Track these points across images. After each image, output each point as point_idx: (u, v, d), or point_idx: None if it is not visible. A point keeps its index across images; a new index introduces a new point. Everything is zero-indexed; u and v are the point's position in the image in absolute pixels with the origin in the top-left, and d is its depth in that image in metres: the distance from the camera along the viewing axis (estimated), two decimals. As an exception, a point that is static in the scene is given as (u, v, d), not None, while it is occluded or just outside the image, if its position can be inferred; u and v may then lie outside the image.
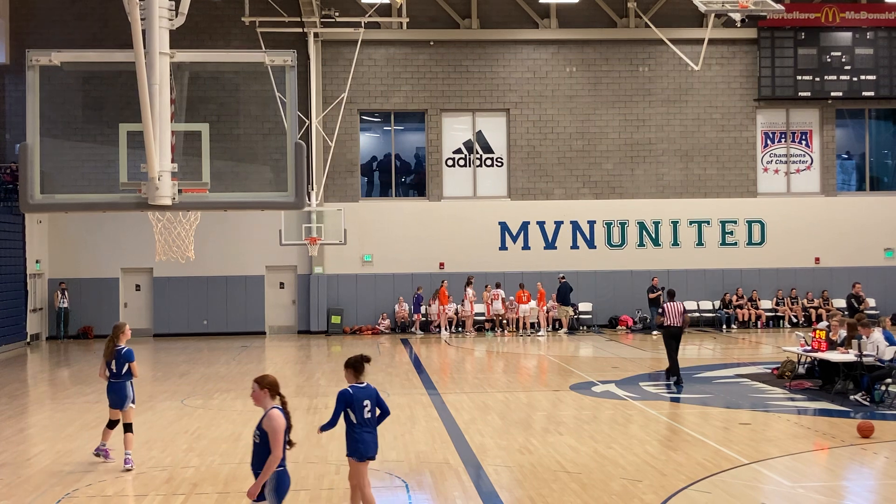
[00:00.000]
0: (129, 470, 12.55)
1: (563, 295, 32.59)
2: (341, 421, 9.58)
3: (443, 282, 32.94)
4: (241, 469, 12.50)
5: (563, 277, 32.74)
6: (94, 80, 10.28)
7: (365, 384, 9.79)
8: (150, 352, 29.41)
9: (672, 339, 20.03)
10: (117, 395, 12.95)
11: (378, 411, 9.76)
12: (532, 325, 32.77)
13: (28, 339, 31.23)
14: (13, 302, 29.99)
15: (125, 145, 8.89)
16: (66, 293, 32.56)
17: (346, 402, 9.60)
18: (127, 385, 12.96)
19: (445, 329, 32.62)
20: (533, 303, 32.66)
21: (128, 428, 12.84)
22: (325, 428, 9.73)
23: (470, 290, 32.70)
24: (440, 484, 11.71)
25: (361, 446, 9.59)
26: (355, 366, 9.78)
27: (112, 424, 13.06)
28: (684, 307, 20.29)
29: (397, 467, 12.55)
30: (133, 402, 13.04)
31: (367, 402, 9.67)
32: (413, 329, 33.08)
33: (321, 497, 11.09)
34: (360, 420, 9.58)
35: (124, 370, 12.94)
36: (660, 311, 20.80)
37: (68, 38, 31.92)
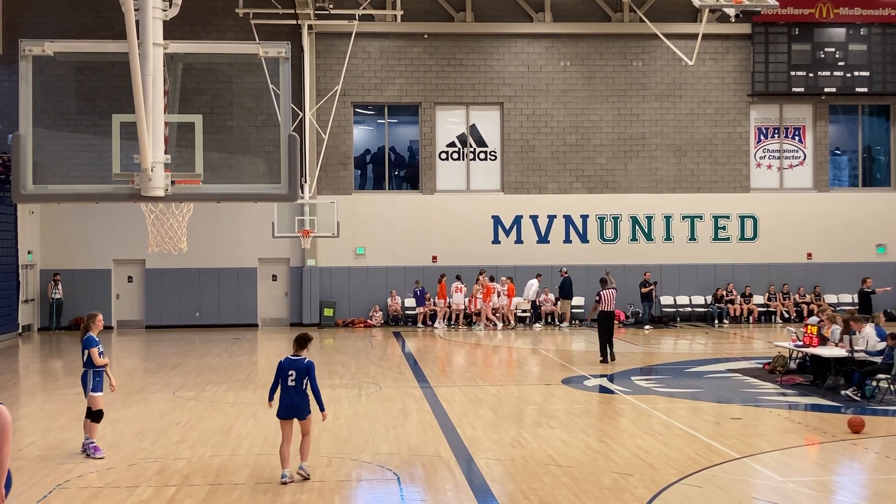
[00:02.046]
0: (88, 456, 12.66)
1: (566, 289, 32.61)
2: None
3: (442, 276, 32.88)
4: (233, 461, 12.51)
5: (566, 271, 32.72)
6: (87, 70, 10.25)
7: (300, 357, 11.40)
8: (142, 343, 29.39)
9: (608, 322, 22.65)
10: (81, 384, 13.13)
11: (305, 383, 11.33)
12: (524, 319, 32.87)
13: (20, 330, 31.19)
14: (5, 293, 29.93)
15: (118, 136, 8.88)
16: (59, 284, 32.49)
17: (278, 368, 11.42)
18: (87, 374, 12.96)
19: (441, 322, 32.60)
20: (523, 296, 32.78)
21: (87, 413, 12.88)
22: (271, 391, 11.62)
23: (460, 284, 32.67)
24: (432, 477, 11.72)
25: (280, 409, 11.38)
26: (298, 341, 11.52)
27: (89, 413, 13.06)
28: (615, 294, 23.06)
29: (389, 460, 12.57)
30: (94, 390, 12.94)
31: (292, 371, 11.28)
32: (420, 322, 32.94)
33: (312, 488, 11.10)
34: (283, 386, 11.33)
35: (85, 358, 12.98)
36: (596, 298, 23.02)
37: (61, 29, 31.80)
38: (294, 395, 11.29)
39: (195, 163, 9.07)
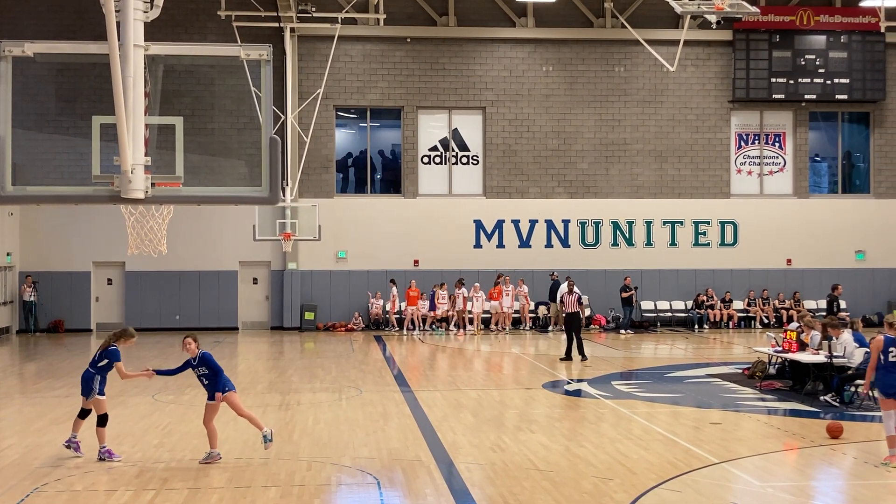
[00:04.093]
0: (113, 462, 12.59)
1: (555, 292, 32.64)
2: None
3: (460, 279, 32.67)
4: (213, 464, 12.45)
5: (555, 275, 32.74)
6: (67, 71, 10.21)
7: None
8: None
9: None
10: (85, 384, 12.93)
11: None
12: (513, 321, 32.92)
13: (-2, 333, 31.01)
14: (-17, 295, 29.75)
15: (98, 138, 8.83)
16: (36, 286, 32.24)
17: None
18: (95, 377, 12.86)
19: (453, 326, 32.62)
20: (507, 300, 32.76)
21: (99, 421, 12.79)
22: (164, 373, 13.33)
23: (441, 291, 32.64)
24: (412, 481, 11.71)
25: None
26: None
27: (83, 414, 12.98)
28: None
29: (369, 464, 12.54)
30: (101, 393, 12.89)
31: None
32: (431, 326, 32.85)
33: (292, 493, 11.07)
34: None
35: (102, 363, 12.90)
36: (587, 304, 24.17)
37: (42, 30, 31.63)
38: None
39: (176, 165, 9.04)
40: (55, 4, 32.78)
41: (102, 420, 12.85)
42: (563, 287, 31.97)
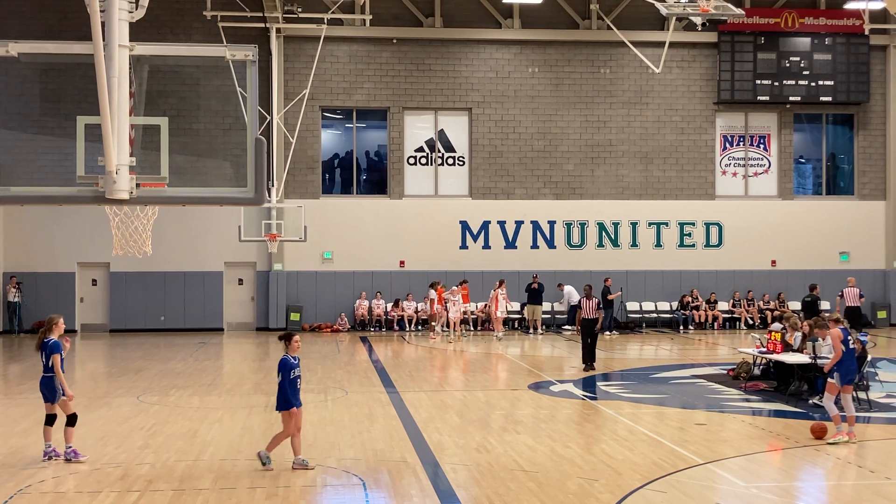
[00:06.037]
0: (80, 462, 12.47)
1: (536, 294, 32.66)
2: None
3: (464, 281, 32.44)
4: (198, 466, 12.42)
5: (537, 277, 32.79)
6: (52, 71, 10.18)
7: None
8: (106, 347, 29.13)
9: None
10: (48, 389, 12.71)
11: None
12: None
13: (-19, 334, 30.85)
14: (-34, 295, 29.58)
15: (83, 138, 8.81)
16: (20, 287, 32.10)
17: (288, 366, 12.36)
18: (54, 379, 12.61)
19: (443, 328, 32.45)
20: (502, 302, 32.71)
21: (69, 421, 12.68)
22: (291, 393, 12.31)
23: (433, 291, 32.52)
24: (397, 482, 11.70)
25: (298, 399, 12.43)
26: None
27: (50, 420, 12.82)
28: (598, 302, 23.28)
29: (355, 465, 12.53)
30: (64, 394, 12.74)
31: (298, 368, 12.45)
32: (417, 327, 32.73)
33: (277, 494, 11.05)
34: (293, 380, 12.43)
35: (51, 364, 12.66)
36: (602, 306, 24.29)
37: (27, 30, 31.46)
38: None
39: (161, 165, 9.03)
40: (40, 4, 32.61)
41: (73, 420, 12.74)
42: (568, 290, 32.43)
